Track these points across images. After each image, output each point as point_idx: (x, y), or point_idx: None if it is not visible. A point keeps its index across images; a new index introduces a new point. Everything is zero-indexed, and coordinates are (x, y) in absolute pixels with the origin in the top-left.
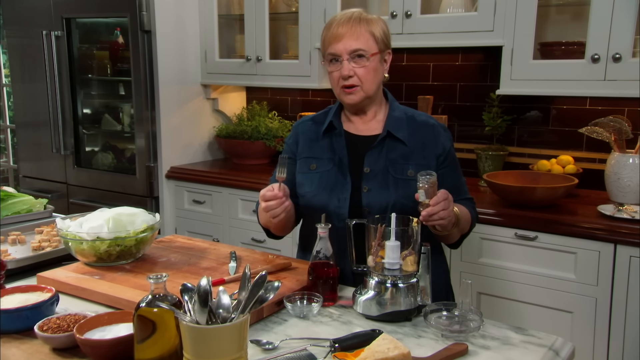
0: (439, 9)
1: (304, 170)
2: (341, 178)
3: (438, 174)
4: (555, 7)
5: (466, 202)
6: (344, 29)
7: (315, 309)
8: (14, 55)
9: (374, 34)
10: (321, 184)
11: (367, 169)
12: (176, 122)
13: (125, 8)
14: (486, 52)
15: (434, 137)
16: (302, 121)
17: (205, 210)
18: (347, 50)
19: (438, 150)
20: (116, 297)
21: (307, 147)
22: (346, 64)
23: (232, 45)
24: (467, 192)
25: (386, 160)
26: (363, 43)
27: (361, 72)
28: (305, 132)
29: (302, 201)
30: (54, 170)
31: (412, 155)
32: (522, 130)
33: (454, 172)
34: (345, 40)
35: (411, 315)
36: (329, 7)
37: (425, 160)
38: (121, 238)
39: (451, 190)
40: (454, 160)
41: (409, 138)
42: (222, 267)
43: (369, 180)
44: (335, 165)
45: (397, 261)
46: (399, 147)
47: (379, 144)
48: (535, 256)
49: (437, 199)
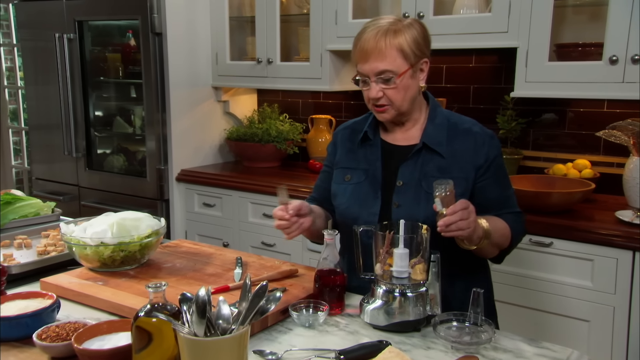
0: (452, 10)
1: (339, 181)
2: (372, 192)
3: (478, 186)
4: (572, 7)
5: (510, 216)
6: (370, 45)
7: (321, 318)
8: (27, 58)
9: (402, 49)
10: (353, 197)
11: (400, 182)
12: (187, 124)
13: (137, 10)
14: (500, 54)
15: (475, 146)
16: (343, 128)
17: (216, 213)
18: (374, 71)
19: (479, 160)
20: (119, 304)
21: (344, 157)
22: (374, 86)
23: (244, 48)
24: (514, 206)
25: (420, 173)
26: (390, 63)
27: (390, 93)
28: (344, 141)
29: (336, 212)
30: (66, 173)
31: (448, 167)
32: (538, 134)
33: (497, 184)
34: (371, 61)
35: (420, 326)
36: (340, 8)
37: (463, 172)
38: (125, 243)
39: (494, 204)
40: (499, 171)
41: (446, 149)
42: (227, 274)
43: (401, 194)
44: (368, 178)
45: (405, 269)
46: (436, 159)
47: (414, 156)
48: (550, 263)
49: (454, 208)
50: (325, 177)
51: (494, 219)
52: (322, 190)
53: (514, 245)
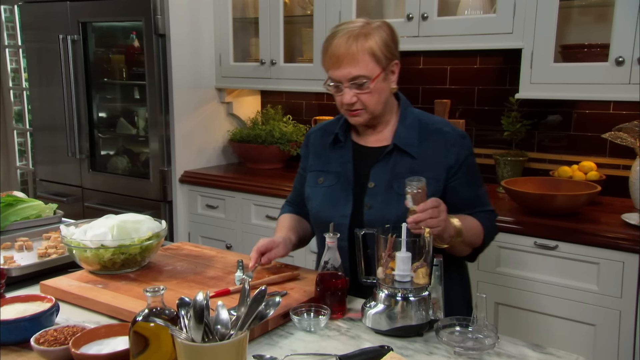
0: (456, 10)
1: (312, 184)
2: (344, 194)
3: (450, 186)
4: (577, 8)
5: (482, 214)
6: (341, 51)
7: (323, 322)
8: (32, 59)
9: (373, 52)
10: (325, 199)
11: (371, 184)
12: (190, 126)
13: (140, 12)
14: (505, 55)
15: (446, 146)
16: (314, 130)
17: (219, 215)
18: (347, 77)
19: (450, 160)
20: (118, 307)
21: (317, 160)
22: (347, 92)
23: (247, 49)
24: (486, 205)
25: (392, 174)
26: (362, 68)
27: (364, 98)
28: (316, 144)
29: (310, 214)
30: (70, 174)
31: (420, 168)
32: (543, 135)
33: (469, 184)
34: (343, 66)
35: (422, 330)
36: (344, 9)
37: (434, 173)
38: (125, 246)
39: (466, 203)
40: (471, 171)
41: (418, 149)
42: (228, 277)
43: (372, 196)
44: (340, 180)
45: (408, 273)
46: (407, 160)
47: (385, 157)
48: (555, 266)
49: (424, 206)
50: (300, 180)
51: (466, 217)
52: (299, 193)
53: (486, 243)
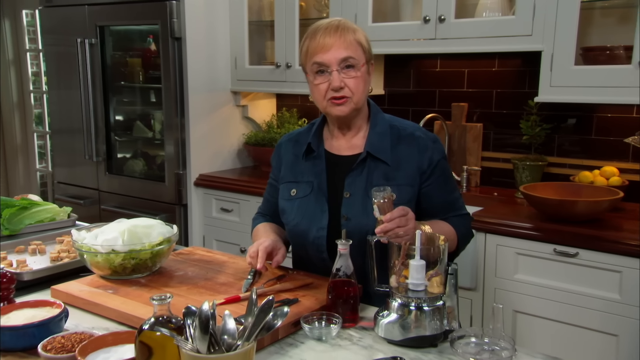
0: (474, 13)
1: (286, 196)
2: (319, 205)
3: (423, 191)
4: (599, 9)
5: (456, 219)
6: (332, 38)
7: (334, 331)
8: (51, 63)
9: (361, 43)
10: (300, 212)
11: (347, 194)
12: (206, 129)
13: (157, 15)
14: (524, 58)
15: (418, 150)
16: (284, 140)
17: (233, 218)
18: (337, 59)
19: (423, 165)
20: (128, 313)
21: (289, 170)
22: (336, 75)
23: (263, 52)
24: (461, 208)
25: (367, 182)
26: (353, 52)
27: (352, 83)
28: (287, 153)
29: (286, 228)
30: (87, 177)
31: (394, 174)
32: (563, 139)
33: (442, 188)
34: (334, 49)
35: (437, 341)
36: (360, 12)
37: (407, 178)
38: (136, 251)
39: (441, 207)
40: (444, 175)
41: (390, 155)
42: (239, 283)
43: (349, 206)
44: (314, 191)
45: (422, 282)
46: (381, 167)
47: (359, 165)
48: (576, 274)
49: (391, 215)
50: (272, 191)
51: (438, 223)
52: (272, 205)
53: (461, 248)
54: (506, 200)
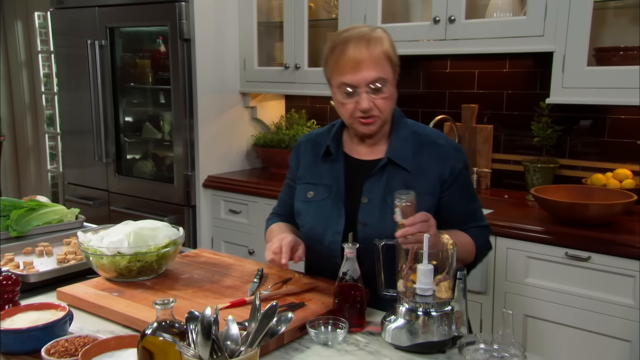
0: (485, 13)
1: (302, 198)
2: (336, 210)
3: (444, 200)
4: (612, 9)
5: (475, 230)
6: (361, 54)
7: (340, 336)
8: (61, 64)
9: (389, 56)
10: (316, 216)
11: (365, 199)
12: (214, 130)
13: (166, 17)
14: (536, 59)
15: (440, 159)
16: (304, 140)
17: (241, 220)
18: (366, 80)
19: (444, 174)
20: (132, 317)
21: (307, 171)
22: (365, 97)
23: (272, 53)
24: (481, 219)
25: (386, 189)
26: (382, 71)
27: (381, 103)
28: (306, 154)
29: (301, 231)
30: (96, 178)
31: (414, 182)
32: (575, 141)
33: (463, 198)
34: (365, 70)
35: (445, 347)
36: (369, 13)
37: (428, 187)
38: (142, 253)
39: (460, 218)
40: (465, 185)
41: (412, 163)
42: (245, 286)
43: (367, 212)
44: (331, 195)
45: (430, 287)
46: (401, 174)
47: (379, 171)
48: (588, 278)
49: (413, 219)
50: (289, 192)
51: (457, 233)
52: (288, 205)
53: (479, 260)
54: (517, 203)
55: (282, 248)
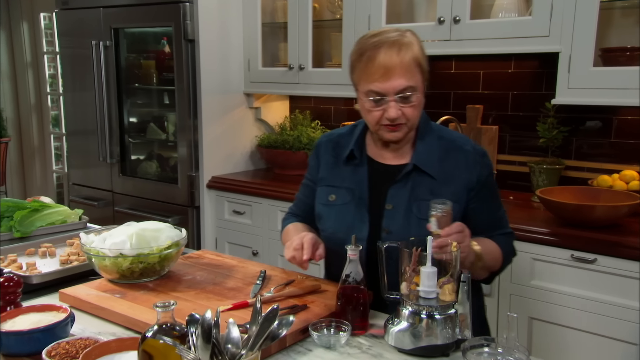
0: (490, 13)
1: (323, 201)
2: (359, 215)
3: (470, 207)
4: (619, 9)
5: (501, 237)
6: (392, 60)
7: (343, 338)
8: (66, 65)
9: (419, 62)
10: (338, 220)
11: (389, 206)
12: (218, 131)
13: (170, 17)
14: (541, 59)
15: (466, 165)
16: (324, 140)
17: (245, 221)
18: (396, 90)
19: (471, 181)
20: (134, 318)
21: (328, 173)
22: (394, 105)
23: (276, 54)
24: (505, 226)
25: (411, 196)
26: (411, 79)
27: (409, 111)
28: (327, 155)
29: (322, 235)
30: (101, 178)
31: (440, 189)
32: (581, 142)
33: (490, 205)
34: (394, 78)
35: (449, 351)
36: (373, 13)
37: (454, 195)
38: (144, 255)
39: (486, 225)
40: (491, 192)
41: (438, 169)
42: (247, 288)
43: (391, 219)
44: (354, 199)
45: (433, 289)
46: (426, 181)
47: (404, 178)
48: (594, 281)
49: (449, 230)
50: (308, 192)
51: (485, 241)
52: (306, 206)
53: (504, 267)
54: (522, 205)
55: (303, 245)
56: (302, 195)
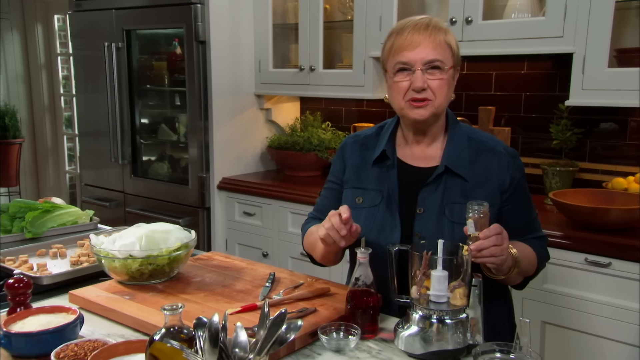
0: (502, 14)
1: (350, 203)
2: (390, 217)
3: (504, 210)
4: (635, 9)
5: (535, 241)
6: (421, 36)
7: (352, 342)
8: (79, 67)
9: (451, 45)
10: (368, 223)
11: (420, 210)
12: (229, 132)
13: (181, 19)
14: (555, 60)
15: (499, 167)
16: (350, 141)
17: (255, 222)
18: (423, 60)
19: (504, 183)
20: (143, 320)
21: (354, 175)
22: (419, 74)
23: (287, 55)
24: (538, 230)
25: (443, 199)
26: (440, 54)
27: (435, 85)
28: (353, 156)
29: None
30: (113, 179)
31: (473, 192)
32: (595, 144)
33: (523, 208)
34: (421, 48)
35: (460, 356)
36: (385, 14)
37: (487, 197)
38: (153, 257)
39: (519, 229)
40: (524, 194)
41: (470, 171)
42: (256, 290)
43: (423, 223)
44: (384, 200)
45: (444, 293)
46: (458, 183)
47: (435, 180)
48: (608, 285)
49: (488, 232)
50: (332, 195)
51: (521, 245)
52: (329, 209)
53: (538, 272)
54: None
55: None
56: (326, 199)
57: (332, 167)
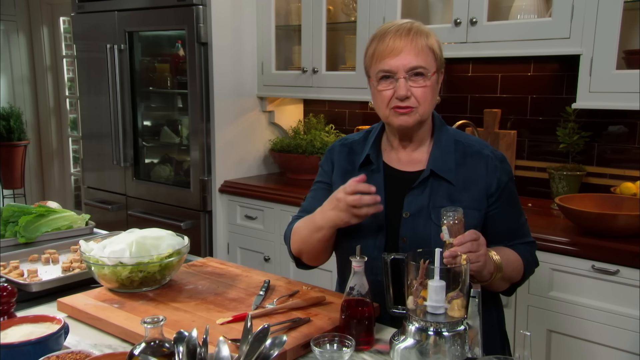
0: (508, 15)
1: None
2: (374, 223)
3: (490, 215)
4: None
5: (522, 246)
6: (402, 42)
7: (346, 355)
8: (82, 69)
9: (433, 50)
10: (353, 228)
11: (406, 214)
12: (231, 135)
13: (183, 21)
14: (562, 62)
15: (486, 171)
16: (339, 145)
17: (257, 226)
18: (406, 67)
19: (491, 187)
20: (130, 330)
21: (340, 179)
22: (402, 83)
23: (290, 57)
24: (527, 235)
25: (429, 203)
26: (423, 59)
27: (419, 93)
28: (340, 160)
29: (336, 244)
30: (115, 182)
31: (459, 196)
32: (603, 148)
33: (510, 212)
34: (403, 55)
35: None
36: (388, 15)
37: (473, 201)
38: (144, 264)
39: (506, 234)
40: (511, 198)
41: (456, 175)
42: (250, 299)
43: (408, 227)
44: None
45: (441, 304)
46: (444, 187)
47: (421, 184)
48: (616, 293)
49: (462, 239)
50: (321, 196)
51: (505, 250)
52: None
53: (525, 278)
54: (541, 212)
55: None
56: (314, 200)
57: (321, 169)
